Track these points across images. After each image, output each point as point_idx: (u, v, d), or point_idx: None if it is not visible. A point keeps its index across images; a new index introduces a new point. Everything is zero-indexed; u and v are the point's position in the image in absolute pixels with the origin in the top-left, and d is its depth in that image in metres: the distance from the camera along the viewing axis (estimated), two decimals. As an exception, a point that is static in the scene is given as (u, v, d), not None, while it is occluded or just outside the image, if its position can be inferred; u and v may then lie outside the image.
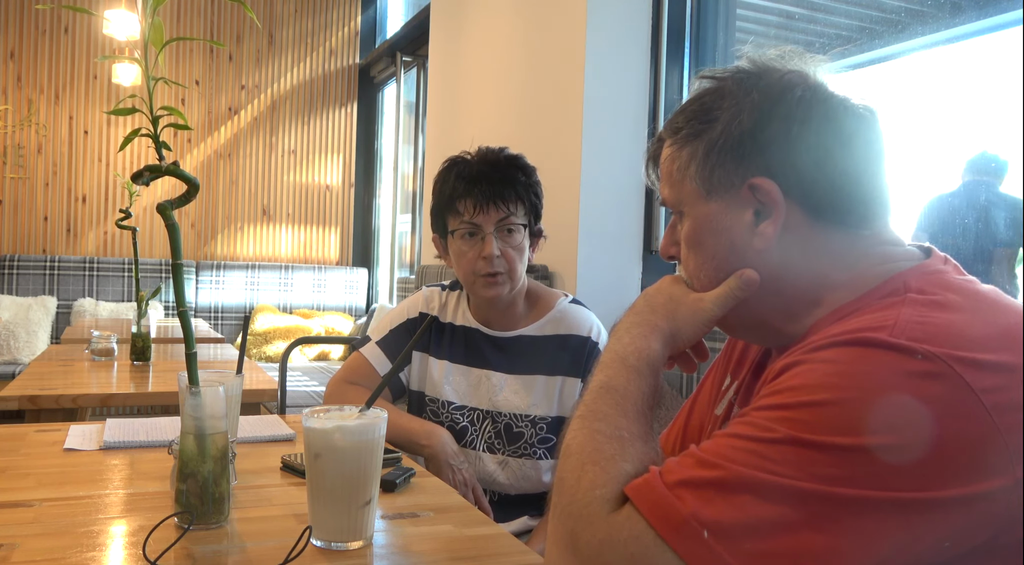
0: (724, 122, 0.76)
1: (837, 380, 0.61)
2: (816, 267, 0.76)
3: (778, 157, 0.74)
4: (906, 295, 0.68)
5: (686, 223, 0.81)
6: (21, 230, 5.10)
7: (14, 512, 0.94)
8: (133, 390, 2.04)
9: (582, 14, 2.53)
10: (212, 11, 5.46)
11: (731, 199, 0.76)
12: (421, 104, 4.89)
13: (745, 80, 0.78)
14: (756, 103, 0.75)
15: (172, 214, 0.86)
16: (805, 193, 0.74)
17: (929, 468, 0.57)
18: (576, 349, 1.51)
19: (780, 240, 0.75)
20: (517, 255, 1.48)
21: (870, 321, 0.65)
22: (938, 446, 0.57)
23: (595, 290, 2.49)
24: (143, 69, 0.85)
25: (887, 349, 0.61)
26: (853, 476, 0.58)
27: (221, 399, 0.90)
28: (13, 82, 5.05)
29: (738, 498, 0.59)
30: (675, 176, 0.81)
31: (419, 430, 1.47)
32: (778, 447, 0.60)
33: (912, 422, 0.58)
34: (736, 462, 0.61)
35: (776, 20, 2.64)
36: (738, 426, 0.64)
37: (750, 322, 0.81)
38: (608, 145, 2.53)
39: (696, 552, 0.59)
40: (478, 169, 1.48)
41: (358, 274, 5.66)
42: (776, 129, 0.74)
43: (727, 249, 0.78)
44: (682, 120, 0.81)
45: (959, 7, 1.81)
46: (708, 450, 0.63)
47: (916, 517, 0.58)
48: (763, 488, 0.59)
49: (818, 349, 0.65)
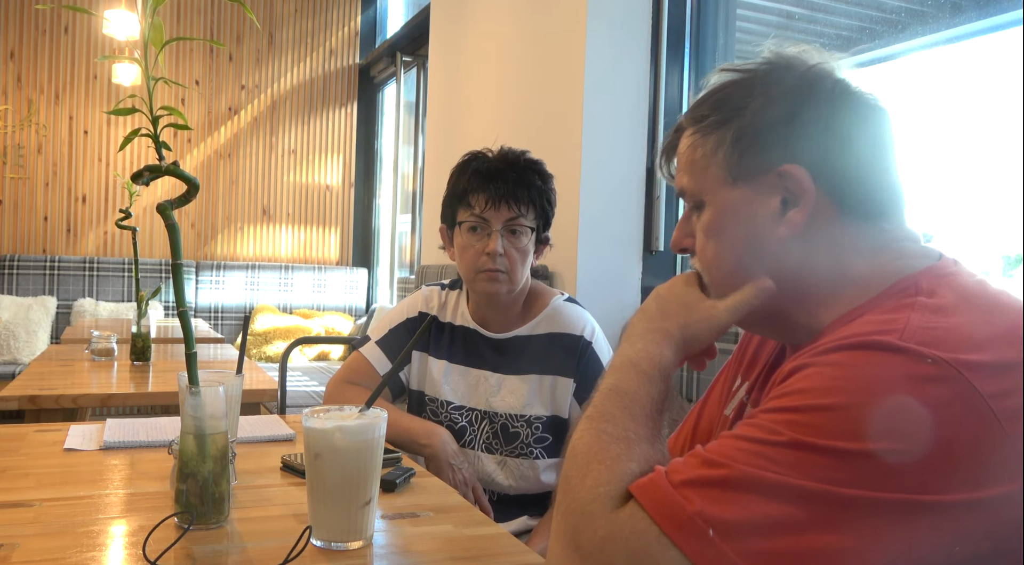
0: (755, 109, 0.76)
1: (844, 384, 0.61)
2: (838, 259, 0.75)
3: (809, 145, 0.74)
4: (916, 298, 0.67)
5: (707, 212, 0.80)
6: (21, 230, 5.10)
7: (14, 512, 0.94)
8: (133, 390, 2.04)
9: (582, 14, 2.53)
10: (212, 11, 5.46)
11: (758, 186, 0.76)
12: (421, 104, 4.89)
13: (773, 71, 0.78)
14: (788, 91, 0.76)
15: (172, 214, 0.86)
16: (833, 183, 0.74)
17: (936, 471, 0.57)
18: (568, 348, 1.50)
19: (804, 230, 0.75)
20: (520, 257, 1.48)
21: (879, 324, 0.65)
22: (945, 450, 0.57)
23: (595, 290, 2.49)
24: (143, 69, 0.85)
25: (894, 352, 0.61)
26: (857, 479, 0.57)
27: (221, 399, 0.90)
28: (13, 82, 5.05)
29: (743, 497, 0.59)
30: (698, 164, 0.80)
31: (419, 430, 1.47)
32: (782, 450, 0.60)
33: (919, 426, 0.57)
34: (741, 462, 0.61)
35: (776, 20, 2.64)
36: (745, 428, 0.64)
37: (766, 315, 0.80)
38: (608, 145, 2.53)
39: (701, 550, 0.58)
40: (496, 166, 1.48)
41: (358, 274, 5.66)
42: (808, 117, 0.74)
43: (750, 237, 0.77)
44: (707, 108, 0.80)
45: (959, 7, 1.82)
46: (714, 450, 0.63)
47: (922, 520, 0.57)
48: (768, 488, 0.59)
49: (826, 352, 0.64)
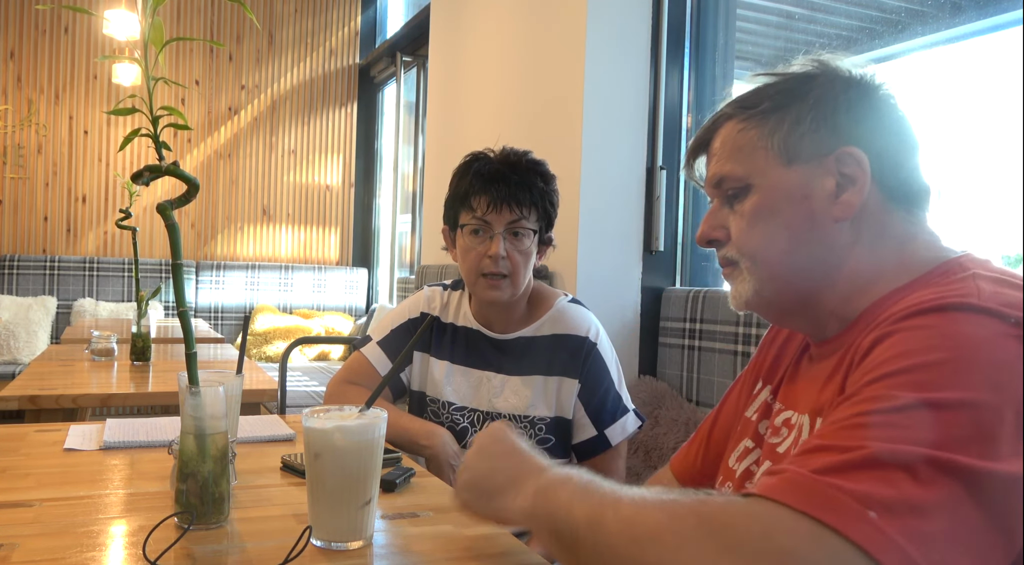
0: (817, 95, 0.79)
1: (942, 341, 0.60)
2: (881, 246, 0.77)
3: (868, 132, 0.77)
4: (973, 271, 0.68)
5: (754, 195, 0.81)
6: (21, 230, 5.10)
7: (14, 512, 0.94)
8: (133, 390, 2.04)
9: (582, 14, 2.53)
10: (212, 11, 5.46)
11: (815, 167, 0.78)
12: (421, 104, 4.89)
13: (827, 69, 0.81)
14: (847, 83, 0.79)
15: (172, 214, 0.86)
16: (886, 172, 0.77)
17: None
18: (574, 349, 1.50)
19: (856, 214, 0.77)
20: (522, 260, 1.47)
21: (946, 291, 0.65)
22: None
23: (595, 290, 2.49)
24: (143, 69, 0.85)
25: (980, 312, 0.61)
26: (989, 435, 0.56)
27: (221, 399, 0.90)
28: (13, 82, 5.05)
29: (890, 474, 0.56)
30: (745, 149, 0.81)
31: (419, 430, 1.47)
32: (908, 413, 0.58)
33: (1014, 381, 0.58)
34: (874, 438, 0.58)
35: (776, 20, 2.64)
36: (854, 405, 0.62)
37: (799, 304, 0.81)
38: (608, 145, 2.53)
39: (869, 534, 0.54)
40: (497, 168, 1.47)
41: (358, 274, 5.66)
42: (867, 107, 0.78)
43: (805, 217, 0.78)
44: (758, 98, 0.82)
45: (959, 7, 1.82)
46: (833, 436, 0.60)
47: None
48: (911, 463, 0.56)
49: (904, 318, 0.64)
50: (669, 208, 2.57)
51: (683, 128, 2.60)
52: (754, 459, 0.87)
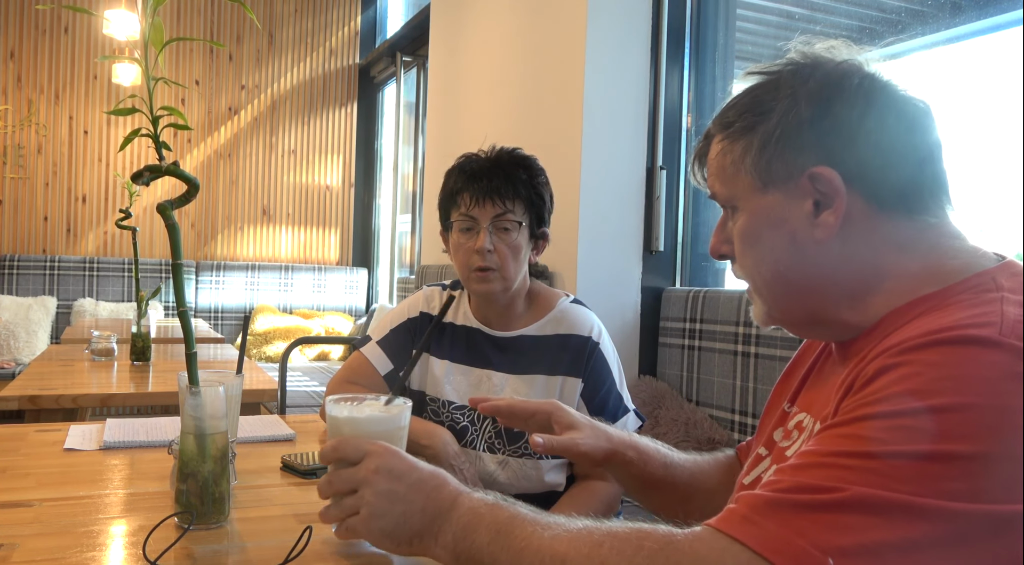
0: (781, 112, 0.75)
1: (950, 384, 0.57)
2: (881, 255, 0.74)
3: (838, 145, 0.73)
4: (1002, 293, 0.65)
5: (740, 218, 0.79)
6: (21, 230, 5.10)
7: (14, 512, 0.94)
8: (133, 390, 2.04)
9: (582, 14, 2.53)
10: (212, 11, 5.46)
11: (789, 190, 0.75)
12: (421, 104, 4.89)
13: (799, 71, 0.77)
14: (814, 92, 0.75)
15: (172, 214, 0.86)
16: (867, 181, 0.73)
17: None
18: (577, 349, 1.50)
19: (841, 230, 0.74)
20: (511, 253, 1.48)
21: (969, 317, 0.62)
22: None
23: (595, 290, 2.49)
24: (143, 69, 0.85)
25: (996, 348, 0.58)
26: (981, 489, 0.54)
27: (221, 399, 0.90)
28: (13, 82, 5.05)
29: (861, 520, 0.55)
30: (728, 170, 0.80)
31: (420, 430, 1.47)
32: (897, 462, 0.56)
33: (1018, 431, 0.55)
34: (854, 482, 0.56)
35: (776, 20, 2.64)
36: (840, 440, 0.60)
37: (811, 319, 0.80)
38: (608, 145, 2.53)
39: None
40: (483, 165, 1.50)
41: (358, 274, 5.66)
42: (836, 117, 0.74)
43: (787, 241, 0.76)
44: (734, 114, 0.79)
45: (959, 7, 1.82)
46: (812, 472, 0.59)
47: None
48: (888, 509, 0.55)
49: (915, 349, 0.61)
50: (669, 208, 2.57)
51: (683, 128, 2.60)
52: (764, 467, 0.86)
